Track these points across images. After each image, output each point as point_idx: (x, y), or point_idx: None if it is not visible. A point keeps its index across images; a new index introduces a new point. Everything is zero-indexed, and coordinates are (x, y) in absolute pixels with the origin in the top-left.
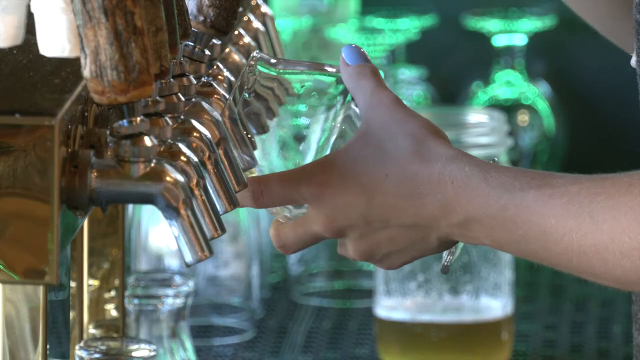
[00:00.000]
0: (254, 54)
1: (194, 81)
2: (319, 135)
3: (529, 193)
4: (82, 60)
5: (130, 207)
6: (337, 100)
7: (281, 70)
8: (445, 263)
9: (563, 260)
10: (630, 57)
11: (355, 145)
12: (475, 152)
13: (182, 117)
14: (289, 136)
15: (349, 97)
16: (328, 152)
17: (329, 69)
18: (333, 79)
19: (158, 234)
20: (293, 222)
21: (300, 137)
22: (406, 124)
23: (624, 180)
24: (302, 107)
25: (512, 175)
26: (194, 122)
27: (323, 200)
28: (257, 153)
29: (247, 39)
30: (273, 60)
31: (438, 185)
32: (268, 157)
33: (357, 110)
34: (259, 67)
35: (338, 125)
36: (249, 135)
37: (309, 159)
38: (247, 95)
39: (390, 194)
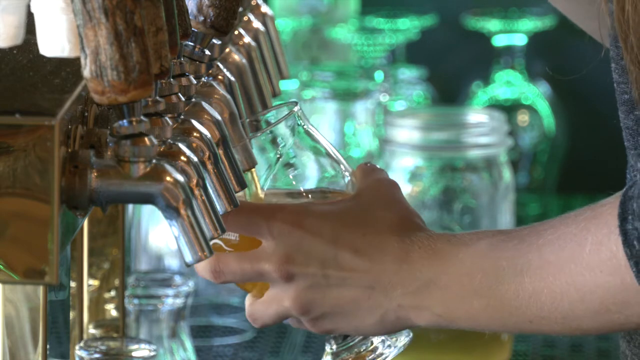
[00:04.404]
0: (296, 109)
1: (194, 81)
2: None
3: (483, 241)
4: (82, 60)
5: (130, 207)
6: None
7: (309, 139)
8: None
9: (513, 307)
10: None
11: (343, 203)
12: (475, 152)
13: (182, 117)
14: (278, 162)
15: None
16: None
17: (346, 169)
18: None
19: (158, 234)
20: (266, 299)
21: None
22: (398, 202)
23: (571, 214)
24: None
25: (473, 232)
26: (194, 122)
27: (289, 238)
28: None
29: (247, 39)
30: (308, 126)
31: (405, 253)
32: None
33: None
34: (300, 139)
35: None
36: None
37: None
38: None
39: (359, 252)
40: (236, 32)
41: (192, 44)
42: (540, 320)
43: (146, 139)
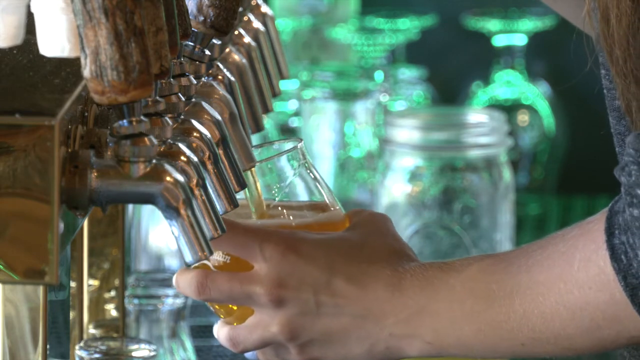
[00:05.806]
0: (299, 145)
1: (194, 81)
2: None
3: (473, 266)
4: (82, 60)
5: (130, 207)
6: None
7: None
8: None
9: (505, 330)
10: None
11: (337, 233)
12: (475, 152)
13: (182, 117)
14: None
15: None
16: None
17: (336, 214)
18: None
19: (158, 234)
20: (250, 323)
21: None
22: (392, 234)
23: (559, 233)
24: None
25: (464, 258)
26: (194, 122)
27: (282, 262)
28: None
29: (247, 39)
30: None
31: (398, 281)
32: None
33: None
34: (300, 171)
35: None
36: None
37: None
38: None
39: (352, 279)
40: (236, 32)
41: (192, 44)
42: (532, 342)
43: (146, 139)
